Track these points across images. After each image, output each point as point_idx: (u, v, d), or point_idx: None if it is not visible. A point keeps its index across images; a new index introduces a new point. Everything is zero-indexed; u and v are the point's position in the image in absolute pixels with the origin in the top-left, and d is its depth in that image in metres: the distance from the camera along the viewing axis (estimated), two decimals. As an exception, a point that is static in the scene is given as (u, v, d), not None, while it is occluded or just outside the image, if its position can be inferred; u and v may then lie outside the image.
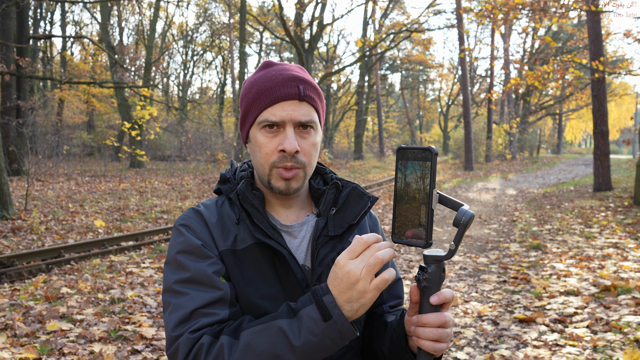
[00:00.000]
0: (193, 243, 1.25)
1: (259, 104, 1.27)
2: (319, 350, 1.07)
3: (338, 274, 1.06)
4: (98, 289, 6.01)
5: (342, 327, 1.05)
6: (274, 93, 1.26)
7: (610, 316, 4.85)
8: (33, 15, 29.74)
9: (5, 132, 17.00)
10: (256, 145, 1.28)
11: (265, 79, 1.28)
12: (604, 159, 14.17)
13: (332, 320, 1.05)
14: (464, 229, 1.07)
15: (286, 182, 1.27)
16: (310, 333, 1.06)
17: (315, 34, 24.98)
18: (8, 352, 4.10)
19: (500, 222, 11.46)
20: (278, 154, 1.26)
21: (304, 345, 1.06)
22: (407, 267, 7.40)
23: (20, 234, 9.37)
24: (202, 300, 1.18)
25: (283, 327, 1.08)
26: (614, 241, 8.31)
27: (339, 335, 1.06)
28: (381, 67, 45.62)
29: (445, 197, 1.10)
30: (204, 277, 1.21)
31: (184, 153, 29.75)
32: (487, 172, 27.80)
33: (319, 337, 1.06)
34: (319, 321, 1.06)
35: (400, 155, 1.09)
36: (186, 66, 46.37)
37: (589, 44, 13.96)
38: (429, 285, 1.10)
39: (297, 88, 1.26)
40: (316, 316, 1.06)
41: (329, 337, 1.06)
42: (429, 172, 1.04)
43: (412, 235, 1.07)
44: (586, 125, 55.18)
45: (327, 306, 1.06)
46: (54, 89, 34.46)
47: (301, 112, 1.26)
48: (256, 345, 1.09)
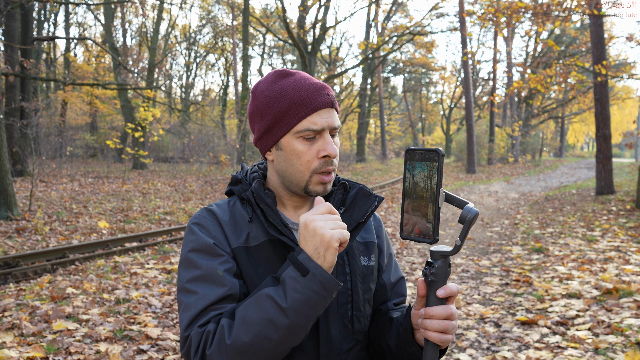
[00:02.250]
0: (205, 242, 1.28)
1: (296, 114, 1.29)
2: (308, 306, 1.13)
3: (302, 230, 1.16)
4: (103, 289, 6.05)
5: (321, 277, 1.12)
6: (312, 103, 1.30)
7: (612, 319, 4.88)
8: (37, 16, 29.84)
9: (9, 133, 17.06)
10: (294, 153, 1.31)
11: (295, 88, 1.31)
12: (606, 163, 14.18)
13: (310, 273, 1.12)
14: (469, 225, 1.13)
15: (324, 186, 1.33)
16: (294, 291, 1.13)
17: (318, 37, 25.01)
18: (15, 351, 4.15)
19: (503, 225, 11.48)
20: (319, 160, 1.30)
21: (292, 303, 1.13)
22: (410, 269, 7.44)
23: (25, 235, 9.43)
24: (212, 297, 1.22)
25: (270, 293, 1.15)
26: (616, 244, 8.33)
27: (321, 287, 1.13)
28: (384, 70, 45.65)
29: (451, 195, 1.15)
30: (213, 275, 1.25)
31: (186, 155, 29.82)
32: (489, 175, 27.81)
33: (303, 293, 1.12)
34: (299, 277, 1.13)
35: (409, 156, 1.15)
36: (189, 68, 46.47)
37: (592, 48, 13.99)
38: (435, 279, 1.17)
39: (328, 96, 1.32)
40: (295, 274, 1.13)
41: (312, 290, 1.12)
42: (436, 172, 1.10)
43: (420, 231, 1.14)
44: (588, 128, 55.18)
45: (303, 262, 1.13)
46: (57, 91, 34.54)
47: (334, 118, 1.33)
48: (249, 316, 1.15)
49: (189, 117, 34.00)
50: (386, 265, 1.52)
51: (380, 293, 1.49)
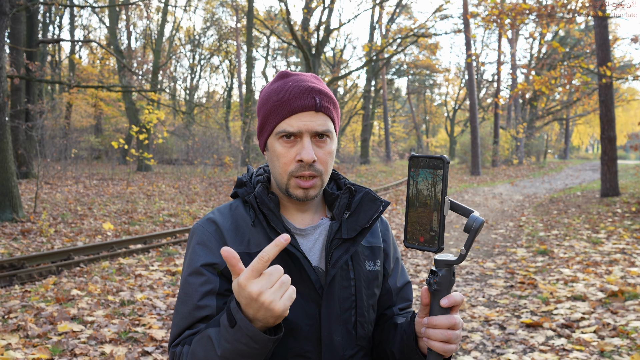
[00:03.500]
0: (195, 261, 1.31)
1: (277, 115, 1.31)
2: (239, 356, 1.12)
3: (247, 299, 1.07)
4: (108, 291, 6.07)
5: (247, 330, 1.08)
6: (291, 105, 1.29)
7: (618, 321, 4.86)
8: (42, 19, 29.98)
9: (14, 135, 17.13)
10: (274, 154, 1.32)
11: (282, 90, 1.32)
12: (611, 165, 14.14)
13: (237, 326, 1.09)
14: (475, 234, 1.11)
15: (304, 191, 1.31)
16: (225, 340, 1.12)
17: (322, 39, 25.02)
18: (21, 353, 4.16)
19: (507, 227, 11.45)
20: (296, 164, 1.30)
21: (224, 352, 1.12)
22: (414, 271, 7.43)
23: (30, 237, 9.46)
24: (190, 320, 1.27)
25: (211, 336, 1.15)
26: (621, 247, 8.30)
27: (250, 340, 1.09)
28: (388, 72, 45.62)
29: (456, 204, 1.14)
30: (195, 296, 1.28)
31: (191, 157, 29.87)
32: (493, 177, 27.75)
33: (231, 343, 1.11)
34: (228, 327, 1.11)
35: (413, 163, 1.13)
36: (193, 70, 46.55)
37: (597, 49, 13.95)
38: (439, 288, 1.14)
39: (313, 99, 1.30)
40: (226, 323, 1.12)
41: (239, 342, 1.10)
42: (440, 180, 1.09)
43: (425, 240, 1.12)
44: (593, 130, 55.04)
45: (232, 312, 1.10)
46: (62, 93, 34.66)
47: (317, 122, 1.30)
48: (197, 353, 1.17)
49: (193, 119, 34.10)
50: (392, 269, 1.51)
51: (386, 298, 1.48)
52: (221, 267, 1.29)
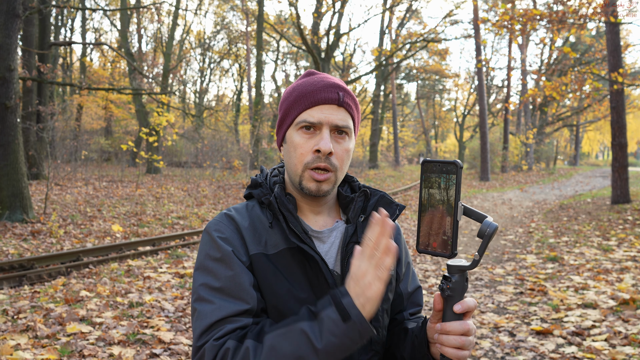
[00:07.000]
0: (224, 250, 1.26)
1: (299, 106, 1.32)
2: (341, 351, 1.11)
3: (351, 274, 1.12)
4: (116, 292, 6.08)
5: (361, 326, 1.09)
6: (314, 96, 1.31)
7: (629, 330, 4.81)
8: (54, 22, 30.21)
9: (25, 136, 17.25)
10: (292, 145, 1.33)
11: (307, 84, 1.34)
12: (622, 171, 14.03)
13: (351, 321, 1.08)
14: (488, 240, 1.10)
15: (317, 184, 1.30)
16: (331, 334, 1.09)
17: (332, 43, 25.07)
18: (30, 353, 4.17)
19: (517, 233, 11.38)
20: (312, 155, 1.29)
21: (326, 346, 1.09)
22: (424, 276, 7.39)
23: (40, 237, 9.51)
24: (228, 310, 1.20)
25: (305, 330, 1.11)
26: (633, 254, 8.22)
27: (358, 335, 1.09)
28: (397, 77, 45.63)
29: (469, 209, 1.13)
30: (232, 287, 1.23)
31: (200, 159, 29.95)
32: (503, 182, 27.63)
33: (340, 338, 1.09)
34: (339, 322, 1.09)
35: (426, 168, 1.11)
36: (203, 73, 46.76)
37: (608, 56, 13.86)
38: (452, 294, 1.13)
39: (337, 94, 1.31)
40: (336, 317, 1.09)
41: (349, 337, 1.09)
42: (454, 185, 1.07)
43: (438, 245, 1.11)
44: (603, 137, 54.70)
45: (347, 307, 1.09)
46: (73, 95, 34.94)
47: (338, 116, 1.31)
48: (280, 347, 1.12)
49: (203, 122, 34.21)
50: (404, 274, 1.50)
51: (397, 302, 1.47)
52: (246, 265, 1.27)
